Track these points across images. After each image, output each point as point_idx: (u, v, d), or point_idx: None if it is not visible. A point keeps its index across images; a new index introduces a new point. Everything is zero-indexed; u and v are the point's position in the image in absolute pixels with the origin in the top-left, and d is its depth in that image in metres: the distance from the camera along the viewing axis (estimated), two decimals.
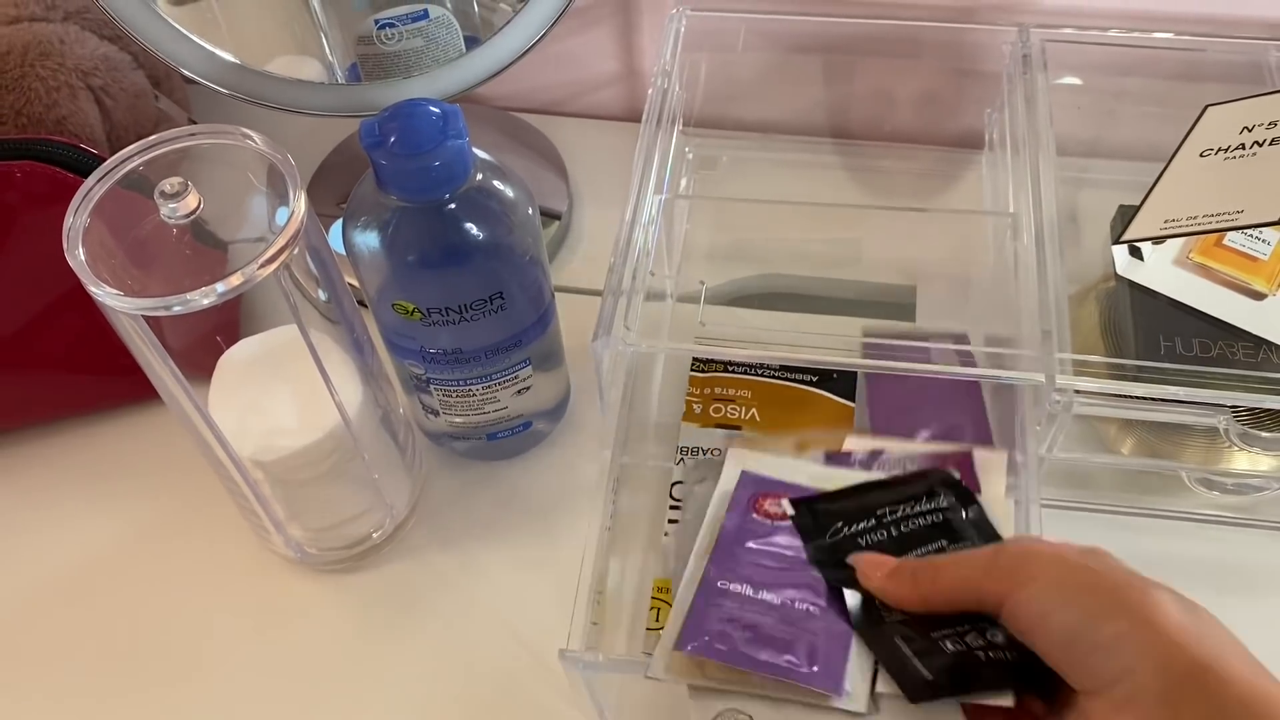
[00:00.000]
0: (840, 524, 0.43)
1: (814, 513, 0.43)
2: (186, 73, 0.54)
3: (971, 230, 0.63)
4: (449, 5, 0.60)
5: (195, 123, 0.70)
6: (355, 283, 0.51)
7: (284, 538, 0.53)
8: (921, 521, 0.42)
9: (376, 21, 0.59)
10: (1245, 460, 0.52)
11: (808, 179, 0.68)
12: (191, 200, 0.41)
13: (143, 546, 0.57)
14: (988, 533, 0.42)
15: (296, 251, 0.43)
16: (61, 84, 0.59)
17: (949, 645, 0.37)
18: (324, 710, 0.51)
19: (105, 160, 0.43)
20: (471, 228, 0.46)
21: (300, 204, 0.42)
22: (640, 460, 0.57)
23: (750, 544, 0.42)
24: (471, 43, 0.61)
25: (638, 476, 0.55)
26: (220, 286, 0.41)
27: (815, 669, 0.38)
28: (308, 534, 0.54)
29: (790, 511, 0.44)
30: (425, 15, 0.60)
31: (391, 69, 0.61)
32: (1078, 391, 0.47)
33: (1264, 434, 0.49)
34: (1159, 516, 0.55)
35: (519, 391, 0.53)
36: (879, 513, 0.43)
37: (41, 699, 0.52)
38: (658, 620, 0.50)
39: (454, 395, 0.52)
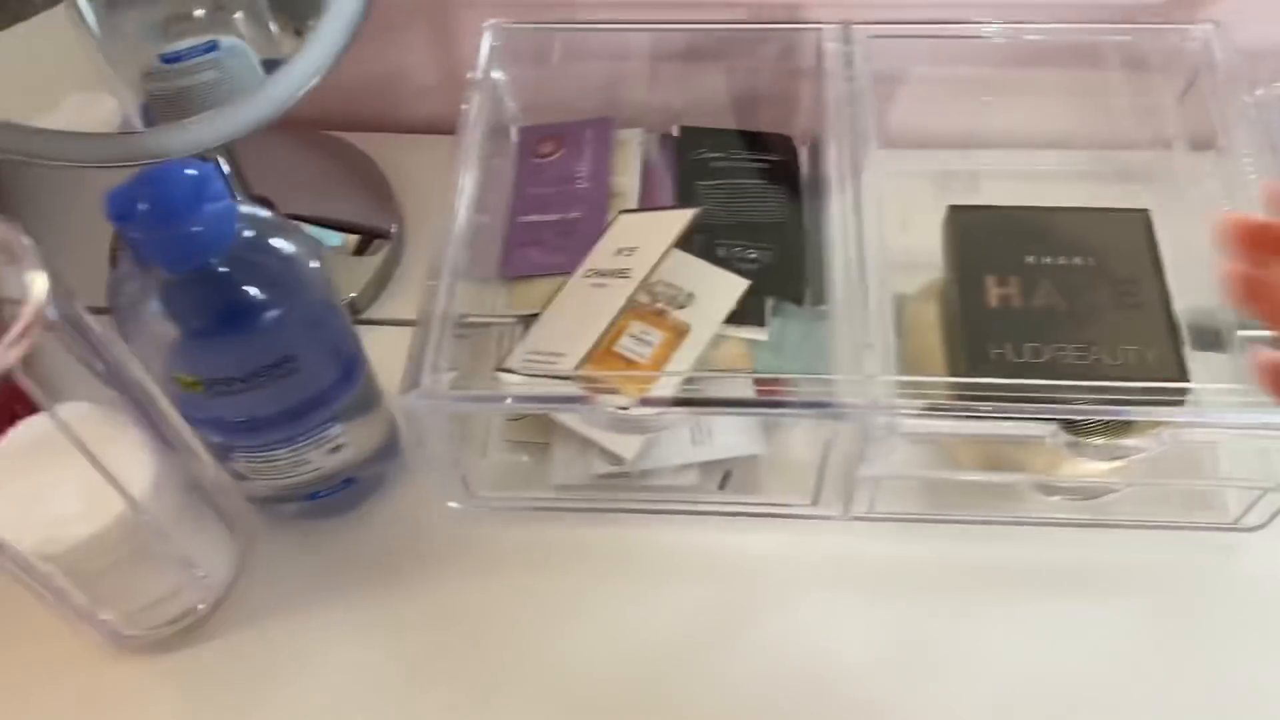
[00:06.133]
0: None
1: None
2: None
3: None
4: (242, 31, 0.56)
5: None
6: None
7: (94, 627, 0.50)
8: None
9: (160, 57, 0.55)
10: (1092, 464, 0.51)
11: None
12: None
13: None
14: None
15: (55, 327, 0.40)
16: None
17: None
18: None
19: None
20: (246, 291, 0.43)
21: (38, 285, 0.39)
22: None
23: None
24: (273, 66, 0.57)
25: None
26: None
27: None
28: (121, 616, 0.51)
29: None
30: (215, 46, 0.56)
31: (186, 107, 0.56)
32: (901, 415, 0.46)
33: (1094, 441, 0.47)
34: (999, 523, 0.53)
35: (331, 451, 0.50)
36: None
37: None
38: None
39: (258, 462, 0.49)
